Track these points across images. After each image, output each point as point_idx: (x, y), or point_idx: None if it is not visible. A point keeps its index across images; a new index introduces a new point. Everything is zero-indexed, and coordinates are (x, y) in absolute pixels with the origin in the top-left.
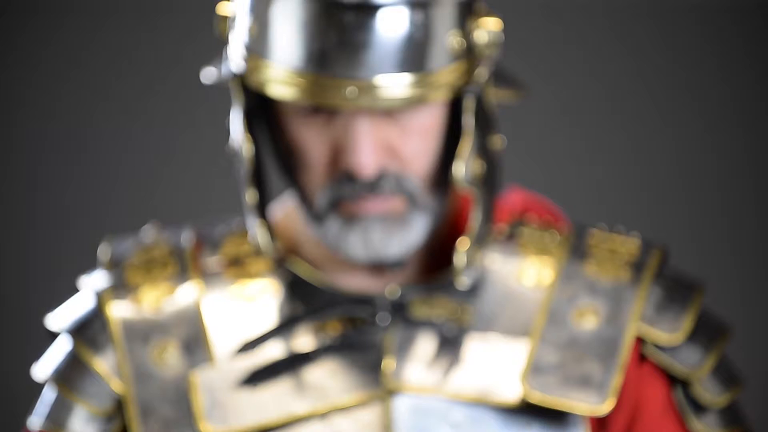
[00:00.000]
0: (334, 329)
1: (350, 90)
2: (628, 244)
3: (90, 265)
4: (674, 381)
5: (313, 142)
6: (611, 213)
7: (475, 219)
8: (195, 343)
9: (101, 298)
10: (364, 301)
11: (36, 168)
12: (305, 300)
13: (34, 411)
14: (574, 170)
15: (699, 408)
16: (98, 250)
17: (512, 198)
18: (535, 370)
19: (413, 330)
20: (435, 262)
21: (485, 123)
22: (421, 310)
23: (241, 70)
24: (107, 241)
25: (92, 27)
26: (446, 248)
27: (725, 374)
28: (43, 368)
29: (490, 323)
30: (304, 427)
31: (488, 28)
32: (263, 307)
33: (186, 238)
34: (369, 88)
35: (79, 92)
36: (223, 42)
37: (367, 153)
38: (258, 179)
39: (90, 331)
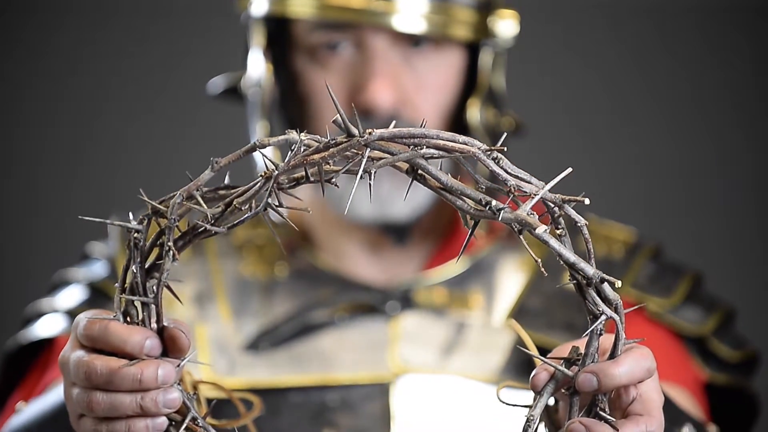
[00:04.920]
0: (341, 315)
1: (377, 4)
2: (624, 233)
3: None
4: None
5: (331, 83)
6: (611, 213)
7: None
8: (206, 297)
9: (114, 256)
10: (373, 289)
11: (36, 168)
12: (315, 286)
13: (33, 326)
14: (574, 170)
15: (713, 363)
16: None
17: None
18: (520, 311)
19: (418, 317)
20: (437, 259)
21: (494, 100)
22: (426, 298)
23: (262, 9)
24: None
25: (92, 27)
26: (448, 245)
27: (735, 338)
28: (55, 301)
29: (492, 309)
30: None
31: (505, 17)
32: (272, 288)
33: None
34: (393, 6)
35: (78, 91)
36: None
37: (385, 84)
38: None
39: (109, 276)
